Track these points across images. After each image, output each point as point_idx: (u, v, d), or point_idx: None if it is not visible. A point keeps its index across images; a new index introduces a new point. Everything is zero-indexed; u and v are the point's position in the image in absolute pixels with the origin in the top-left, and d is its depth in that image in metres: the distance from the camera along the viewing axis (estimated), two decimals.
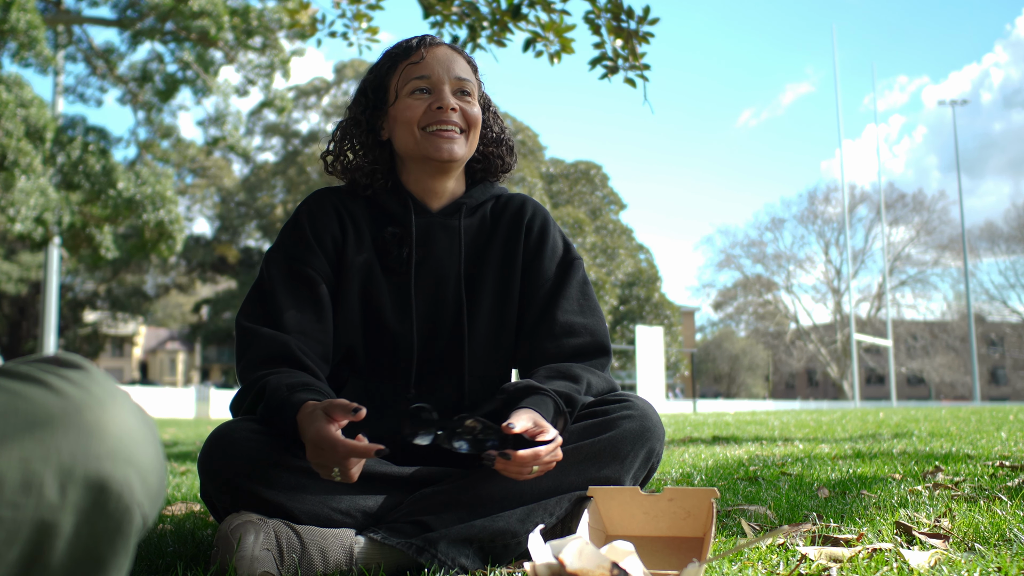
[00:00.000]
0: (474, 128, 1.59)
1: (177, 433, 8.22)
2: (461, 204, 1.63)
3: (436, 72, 1.57)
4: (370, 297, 1.57)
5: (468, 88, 1.59)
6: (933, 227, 47.45)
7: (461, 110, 1.57)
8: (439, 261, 1.60)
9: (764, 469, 2.84)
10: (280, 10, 16.05)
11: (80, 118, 17.40)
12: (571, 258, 1.66)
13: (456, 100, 1.57)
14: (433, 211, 1.62)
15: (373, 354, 1.58)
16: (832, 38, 29.28)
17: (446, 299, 1.59)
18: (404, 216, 1.60)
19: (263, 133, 35.45)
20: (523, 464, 1.24)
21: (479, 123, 1.60)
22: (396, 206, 1.61)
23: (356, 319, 1.57)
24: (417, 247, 1.59)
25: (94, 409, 0.60)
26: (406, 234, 1.59)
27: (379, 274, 1.58)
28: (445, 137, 1.55)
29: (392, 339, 1.57)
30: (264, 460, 1.32)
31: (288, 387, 1.34)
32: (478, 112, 1.60)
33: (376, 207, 1.63)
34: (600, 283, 28.85)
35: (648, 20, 4.00)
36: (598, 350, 1.58)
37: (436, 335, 1.59)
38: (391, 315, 1.57)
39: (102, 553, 0.60)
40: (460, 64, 1.60)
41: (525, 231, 1.65)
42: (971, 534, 1.41)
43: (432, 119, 1.55)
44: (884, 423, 6.82)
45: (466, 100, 1.58)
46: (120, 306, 36.19)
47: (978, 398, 31.61)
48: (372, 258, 1.58)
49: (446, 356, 1.59)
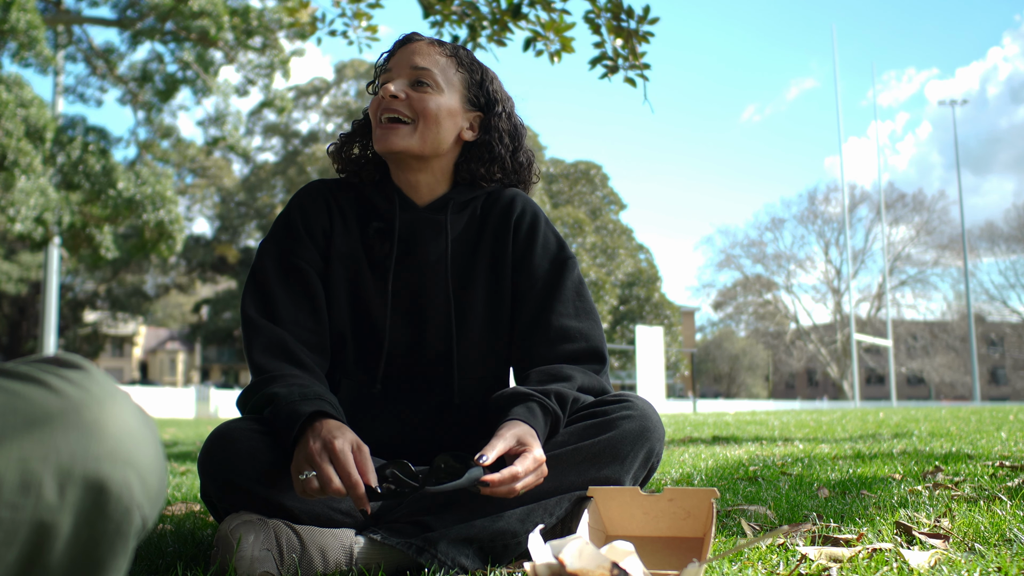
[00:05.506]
0: (424, 120, 1.51)
1: (177, 433, 8.22)
2: (448, 200, 1.60)
3: (397, 64, 1.54)
4: (356, 290, 1.56)
5: (426, 78, 1.52)
6: (933, 227, 47.49)
7: (410, 98, 1.51)
8: (424, 256, 1.57)
9: (764, 469, 2.84)
10: (280, 10, 16.04)
11: (80, 118, 17.40)
12: (564, 257, 1.61)
13: (408, 89, 1.52)
14: (419, 207, 1.60)
15: (361, 349, 1.57)
16: (832, 37, 29.23)
17: (433, 295, 1.56)
18: (389, 210, 1.59)
19: (263, 133, 35.48)
20: (502, 485, 1.23)
21: (432, 115, 1.51)
22: (382, 201, 1.60)
23: (345, 312, 1.56)
24: (400, 242, 1.57)
25: (93, 409, 0.60)
26: (390, 229, 1.58)
27: (365, 268, 1.57)
28: (385, 128, 1.51)
29: (377, 336, 1.55)
30: (264, 460, 1.32)
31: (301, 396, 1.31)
32: (434, 104, 1.51)
33: (365, 201, 1.62)
34: (600, 283, 28.84)
35: (648, 19, 4.00)
36: (593, 356, 1.55)
37: (423, 332, 1.56)
38: (377, 311, 1.56)
39: (101, 554, 0.60)
40: (424, 54, 1.54)
41: (514, 228, 1.60)
42: (971, 534, 1.41)
43: (379, 109, 1.53)
44: (884, 423, 6.82)
45: (422, 90, 1.52)
46: (120, 306, 36.20)
47: (978, 398, 31.61)
48: (359, 252, 1.57)
49: (435, 354, 1.56)
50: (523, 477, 1.25)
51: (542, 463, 1.29)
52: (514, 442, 1.29)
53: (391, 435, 1.53)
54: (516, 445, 1.29)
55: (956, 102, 34.05)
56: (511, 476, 1.24)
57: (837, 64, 27.78)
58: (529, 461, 1.26)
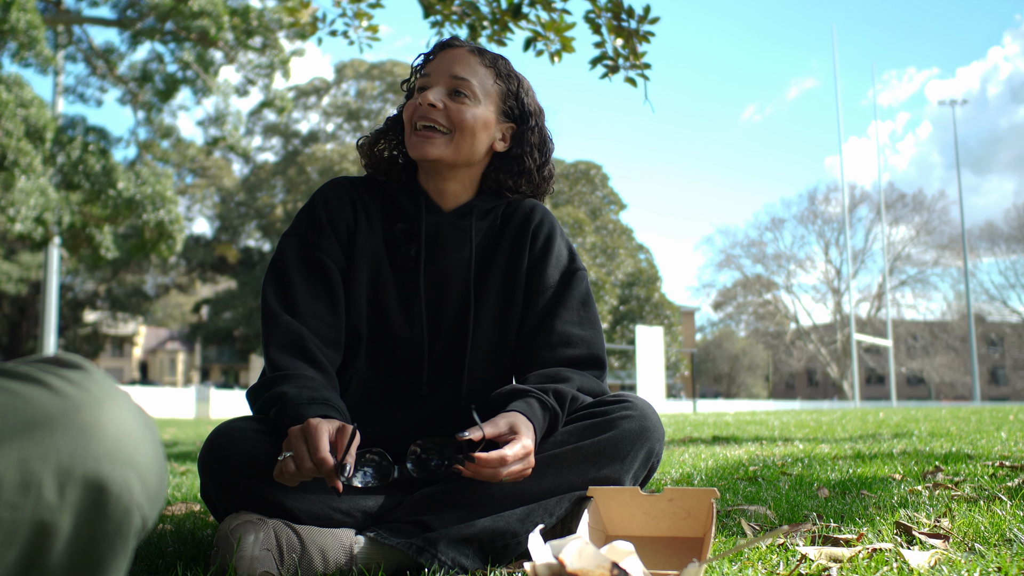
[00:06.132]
0: (460, 131, 1.52)
1: (177, 433, 8.22)
2: (473, 206, 1.61)
3: (436, 70, 1.55)
4: (377, 289, 1.57)
5: (464, 88, 1.52)
6: (933, 227, 47.49)
7: (447, 108, 1.52)
8: (447, 261, 1.59)
9: (764, 469, 2.84)
10: (280, 10, 16.03)
11: (80, 118, 17.39)
12: (574, 268, 1.63)
13: (446, 98, 1.52)
14: (445, 211, 1.61)
15: (375, 348, 1.57)
16: (832, 37, 29.23)
17: (451, 299, 1.58)
18: (415, 213, 1.60)
19: (263, 133, 35.45)
20: (487, 465, 1.23)
21: (469, 127, 1.52)
22: (408, 203, 1.61)
23: (363, 309, 1.56)
24: (426, 245, 1.58)
25: (93, 409, 0.60)
26: (415, 231, 1.59)
27: (387, 268, 1.57)
28: (420, 135, 1.52)
29: (394, 336, 1.57)
30: (264, 460, 1.32)
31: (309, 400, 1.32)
32: (471, 116, 1.52)
33: (390, 202, 1.62)
34: (600, 283, 28.84)
35: (648, 19, 4.00)
36: (593, 362, 1.56)
37: (438, 335, 1.58)
38: (395, 311, 1.56)
39: (101, 555, 0.59)
40: (465, 63, 1.55)
41: (531, 238, 1.62)
42: (971, 534, 1.41)
43: (415, 115, 1.53)
44: (884, 423, 6.82)
45: (459, 100, 1.52)
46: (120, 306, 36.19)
47: (978, 398, 31.61)
48: (381, 251, 1.58)
49: (447, 356, 1.58)
50: (511, 463, 1.25)
51: (530, 452, 1.29)
52: (505, 429, 1.29)
53: (398, 433, 1.53)
54: (507, 432, 1.29)
55: (956, 102, 34.08)
56: (499, 459, 1.23)
57: (837, 64, 27.81)
58: (518, 447, 1.26)
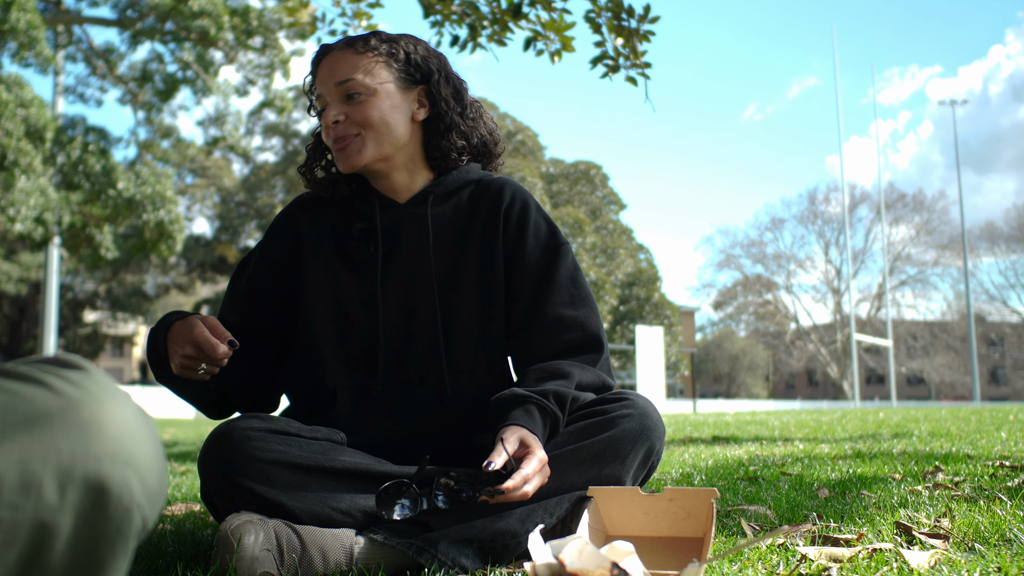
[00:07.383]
0: (371, 128, 1.52)
1: (177, 433, 8.22)
2: (429, 193, 1.59)
3: (323, 85, 1.55)
4: (337, 298, 1.56)
5: (353, 88, 1.51)
6: (933, 227, 47.45)
7: (348, 116, 1.52)
8: (410, 252, 1.56)
9: (764, 469, 2.84)
10: (280, 10, 16.03)
11: (80, 118, 17.40)
12: (557, 243, 1.60)
13: (341, 107, 1.52)
14: (400, 204, 1.60)
15: (350, 355, 1.55)
16: (832, 35, 29.22)
17: (420, 290, 1.55)
18: (370, 211, 1.59)
19: (263, 133, 35.46)
20: (515, 491, 1.24)
21: (376, 121, 1.51)
22: (362, 204, 1.61)
23: (329, 325, 1.56)
24: (384, 240, 1.57)
25: (93, 409, 0.60)
26: (372, 228, 1.58)
27: (343, 274, 1.57)
28: (340, 150, 1.53)
29: (364, 337, 1.55)
30: (264, 459, 1.32)
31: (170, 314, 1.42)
32: (373, 111, 1.51)
33: (347, 209, 1.62)
34: (600, 283, 28.83)
35: (649, 19, 4.00)
36: (590, 344, 1.54)
37: (412, 329, 1.55)
38: (359, 314, 1.55)
39: (101, 555, 0.60)
40: (342, 64, 1.52)
41: (504, 217, 1.59)
42: (971, 534, 1.41)
43: (327, 138, 1.56)
44: (884, 423, 6.82)
45: (356, 102, 1.51)
46: (120, 306, 36.18)
47: (978, 398, 31.61)
48: (333, 260, 1.58)
49: (425, 351, 1.54)
50: (532, 479, 1.26)
51: (546, 463, 1.31)
52: (517, 445, 1.30)
53: (391, 434, 1.52)
54: (519, 448, 1.30)
55: (956, 102, 34.08)
56: (522, 480, 1.25)
57: (837, 62, 27.81)
58: (535, 462, 1.27)
